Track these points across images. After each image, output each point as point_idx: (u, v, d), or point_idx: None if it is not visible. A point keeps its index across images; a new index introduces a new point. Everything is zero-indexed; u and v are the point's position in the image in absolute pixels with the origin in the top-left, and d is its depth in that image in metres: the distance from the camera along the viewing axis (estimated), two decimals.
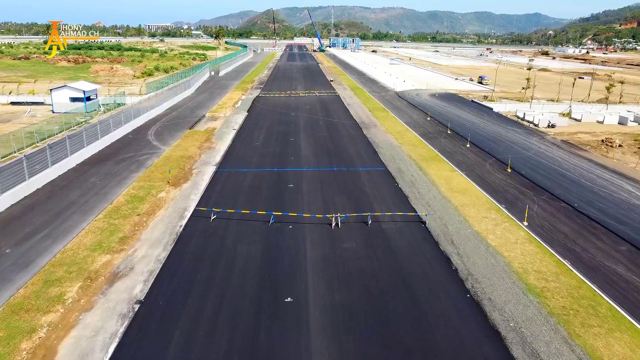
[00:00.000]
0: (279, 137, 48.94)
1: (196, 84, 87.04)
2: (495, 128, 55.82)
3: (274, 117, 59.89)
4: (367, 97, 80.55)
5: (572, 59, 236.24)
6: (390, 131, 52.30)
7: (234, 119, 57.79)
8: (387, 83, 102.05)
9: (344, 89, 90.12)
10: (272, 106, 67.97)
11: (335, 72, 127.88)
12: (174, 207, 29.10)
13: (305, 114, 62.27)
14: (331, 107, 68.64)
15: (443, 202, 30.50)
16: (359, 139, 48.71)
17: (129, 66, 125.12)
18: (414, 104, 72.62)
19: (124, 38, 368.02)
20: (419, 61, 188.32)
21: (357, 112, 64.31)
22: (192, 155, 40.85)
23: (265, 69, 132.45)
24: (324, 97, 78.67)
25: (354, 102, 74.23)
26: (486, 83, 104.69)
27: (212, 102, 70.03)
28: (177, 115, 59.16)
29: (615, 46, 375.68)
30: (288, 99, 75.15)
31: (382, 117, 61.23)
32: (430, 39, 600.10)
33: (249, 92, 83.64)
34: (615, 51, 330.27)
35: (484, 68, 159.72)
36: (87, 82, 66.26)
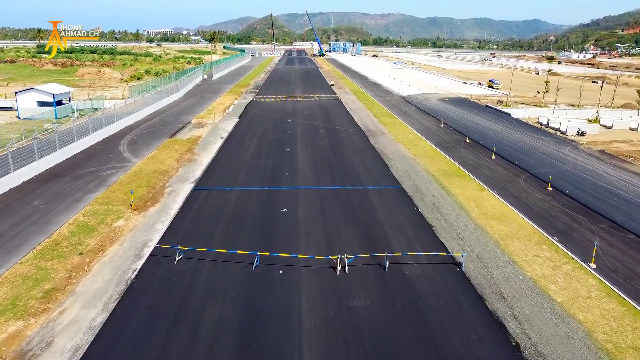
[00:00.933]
0: (273, 146, 42.28)
1: (186, 87, 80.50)
2: (519, 136, 49.17)
3: (268, 123, 53.27)
4: (372, 101, 73.98)
5: (578, 64, 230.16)
6: (401, 140, 45.63)
7: (222, 126, 51.14)
8: (391, 87, 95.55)
9: (346, 93, 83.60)
10: (267, 111, 61.38)
11: (336, 76, 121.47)
12: (131, 242, 22.39)
13: (304, 120, 55.66)
14: (332, 112, 62.05)
15: (478, 234, 23.78)
16: (365, 149, 42.03)
17: (119, 70, 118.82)
18: (423, 109, 66.02)
19: (122, 43, 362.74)
20: (423, 65, 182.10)
21: (362, 118, 57.70)
22: (167, 169, 34.15)
23: (262, 73, 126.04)
24: (324, 101, 72.11)
25: (357, 107, 67.65)
26: (497, 87, 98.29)
27: (200, 107, 63.39)
28: (158, 122, 52.49)
29: (620, 51, 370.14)
30: (285, 104, 68.56)
31: (389, 123, 54.60)
32: (430, 44, 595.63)
33: (242, 96, 77.06)
34: (620, 56, 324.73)
35: (490, 72, 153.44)
36: (60, 84, 59.54)
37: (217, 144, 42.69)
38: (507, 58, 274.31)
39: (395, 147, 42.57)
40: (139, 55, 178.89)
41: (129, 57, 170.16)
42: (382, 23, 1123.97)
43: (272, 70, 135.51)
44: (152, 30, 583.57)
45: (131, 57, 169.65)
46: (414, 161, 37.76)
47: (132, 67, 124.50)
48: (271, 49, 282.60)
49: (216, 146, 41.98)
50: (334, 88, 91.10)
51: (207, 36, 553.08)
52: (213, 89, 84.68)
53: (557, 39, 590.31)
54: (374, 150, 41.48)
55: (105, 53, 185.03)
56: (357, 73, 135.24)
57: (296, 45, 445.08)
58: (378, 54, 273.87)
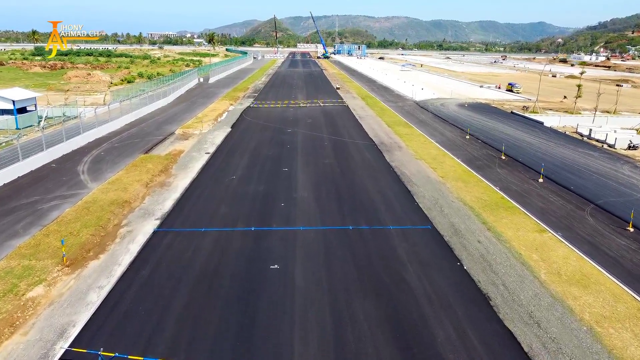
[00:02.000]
0: (267, 165, 34.69)
1: (177, 92, 73.13)
2: (561, 150, 41.38)
3: (264, 134, 45.70)
4: (382, 107, 66.30)
5: (592, 66, 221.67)
6: (423, 156, 37.94)
7: (210, 138, 43.62)
8: (402, 91, 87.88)
9: (354, 98, 75.98)
10: (264, 120, 53.87)
11: (342, 79, 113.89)
12: (41, 329, 14.87)
13: (306, 130, 48.09)
14: (339, 120, 54.44)
15: (559, 314, 16.07)
16: (380, 168, 34.38)
17: (113, 72, 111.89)
18: (442, 117, 58.30)
19: (124, 45, 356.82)
20: (432, 68, 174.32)
21: (373, 128, 50.05)
22: (130, 198, 26.62)
23: (263, 76, 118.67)
24: (329, 107, 64.52)
25: (366, 114, 60.00)
26: (517, 91, 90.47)
27: (189, 115, 55.93)
28: (136, 133, 45.00)
29: (632, 53, 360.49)
30: (285, 111, 61.01)
31: (406, 134, 46.90)
32: (436, 46, 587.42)
33: (239, 101, 69.58)
34: (634, 58, 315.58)
35: (503, 75, 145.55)
36: (25, 89, 52.09)
37: (201, 162, 35.16)
38: (517, 60, 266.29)
39: (417, 166, 34.89)
40: (137, 58, 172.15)
41: (125, 59, 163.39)
42: (387, 26, 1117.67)
43: (274, 73, 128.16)
44: (156, 33, 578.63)
45: (128, 59, 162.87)
46: (444, 186, 30.07)
47: (126, 70, 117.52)
48: (274, 52, 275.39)
49: (198, 165, 34.44)
50: (340, 92, 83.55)
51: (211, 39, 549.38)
52: (207, 94, 77.26)
53: (565, 42, 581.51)
54: (392, 170, 33.83)
55: (102, 55, 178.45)
56: (364, 76, 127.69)
57: (300, 48, 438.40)
58: (384, 57, 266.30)
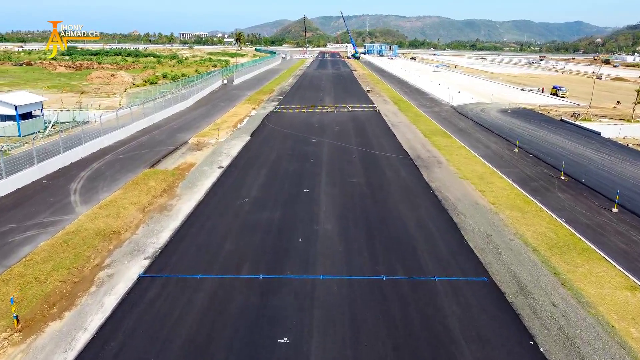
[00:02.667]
0: (286, 185, 30.06)
1: (198, 94, 69.42)
2: (631, 169, 35.35)
3: (286, 145, 41.14)
4: (416, 113, 60.89)
5: (637, 68, 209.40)
6: (467, 174, 32.65)
7: (226, 149, 39.32)
8: (437, 94, 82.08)
9: (385, 102, 70.75)
10: (287, 127, 49.36)
11: (372, 81, 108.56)
12: None
13: (333, 140, 43.29)
14: (369, 128, 49.44)
15: None
16: (418, 191, 29.28)
17: (137, 73, 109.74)
18: (484, 125, 52.58)
19: (154, 45, 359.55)
20: (466, 69, 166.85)
21: (407, 138, 44.87)
22: (120, 227, 22.42)
23: (290, 77, 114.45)
24: (359, 113, 59.53)
25: (399, 120, 54.79)
26: (562, 95, 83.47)
27: (207, 120, 51.91)
28: (146, 142, 41.09)
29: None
30: (311, 117, 56.37)
31: (445, 146, 41.55)
32: (469, 46, 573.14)
33: (262, 105, 65.35)
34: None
35: (544, 77, 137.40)
36: (30, 92, 48.76)
37: (211, 179, 30.83)
38: (556, 61, 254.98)
39: (461, 188, 29.65)
40: (164, 58, 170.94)
41: (152, 59, 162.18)
42: (418, 26, 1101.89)
43: (302, 74, 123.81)
44: (187, 33, 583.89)
45: (155, 59, 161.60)
46: (497, 217, 24.81)
47: (151, 71, 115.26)
48: (303, 52, 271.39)
49: (208, 182, 30.11)
50: (371, 95, 78.42)
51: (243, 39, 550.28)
52: (230, 96, 73.35)
53: (605, 42, 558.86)
54: (432, 193, 28.71)
55: (130, 55, 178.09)
56: (395, 77, 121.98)
57: (329, 48, 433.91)
58: (416, 57, 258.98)
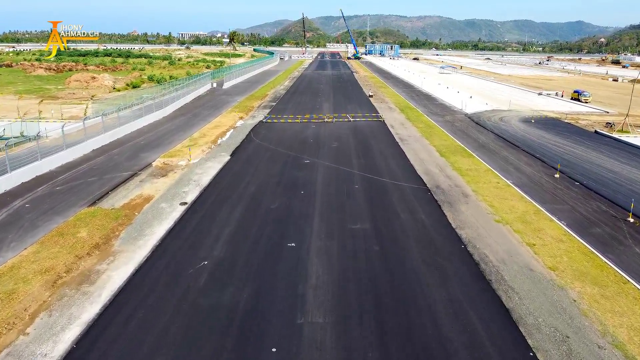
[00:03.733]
0: (265, 236, 22.20)
1: (179, 100, 61.65)
2: None
3: (272, 168, 33.34)
4: (428, 124, 53.06)
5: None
6: (505, 216, 24.81)
7: (198, 174, 31.54)
8: (448, 100, 74.21)
9: (390, 110, 62.92)
10: (277, 143, 41.59)
11: (375, 84, 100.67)
12: None
13: (330, 161, 35.52)
14: (374, 144, 41.61)
15: None
16: (444, 246, 21.37)
17: (124, 75, 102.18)
18: (507, 139, 44.77)
19: (151, 45, 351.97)
20: (473, 70, 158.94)
21: (421, 158, 37.06)
22: (1, 323, 14.65)
23: (286, 79, 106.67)
24: (361, 124, 51.75)
25: (409, 134, 46.97)
26: (585, 100, 75.60)
27: (182, 134, 44.14)
28: (99, 165, 33.28)
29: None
30: (306, 128, 48.61)
31: (468, 170, 33.70)
32: (471, 46, 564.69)
33: (251, 113, 57.58)
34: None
35: (557, 79, 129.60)
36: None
37: (167, 223, 23.08)
38: (563, 62, 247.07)
39: (502, 240, 21.83)
40: (157, 59, 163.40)
41: (143, 60, 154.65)
42: (419, 26, 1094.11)
43: (299, 77, 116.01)
44: (186, 33, 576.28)
45: (146, 60, 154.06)
46: (565, 296, 16.99)
47: (138, 73, 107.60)
48: (302, 52, 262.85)
49: (161, 229, 22.36)
50: (374, 101, 70.61)
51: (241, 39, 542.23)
52: (216, 103, 65.56)
53: (609, 41, 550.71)
54: (463, 249, 20.89)
55: (120, 56, 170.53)
56: (399, 80, 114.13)
57: (330, 48, 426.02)
58: (419, 57, 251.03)
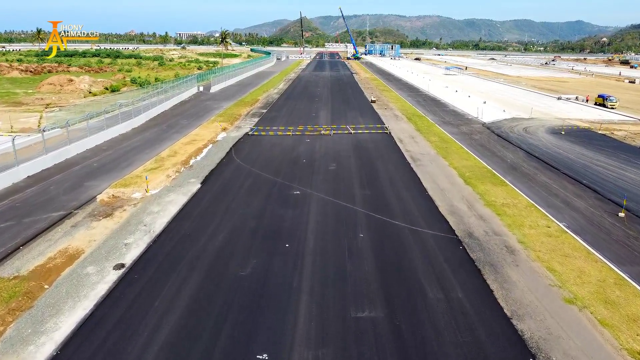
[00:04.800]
0: (224, 334, 14.57)
1: (156, 108, 54.03)
2: None
3: (251, 204, 25.68)
4: (442, 137, 45.37)
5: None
6: (577, 291, 17.19)
7: (152, 214, 23.87)
8: (459, 106, 66.58)
9: (396, 119, 55.31)
10: (261, 163, 33.96)
11: (377, 87, 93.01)
12: None
13: (326, 192, 27.87)
14: (381, 167, 33.93)
15: None
16: (500, 353, 13.87)
17: (107, 77, 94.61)
18: (540, 157, 37.11)
19: (146, 45, 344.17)
20: (479, 71, 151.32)
21: (440, 187, 29.40)
22: None
23: (281, 82, 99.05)
24: (364, 137, 44.10)
25: (422, 150, 39.30)
26: (612, 105, 68.03)
27: (148, 153, 36.50)
28: (27, 200, 25.57)
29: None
30: (298, 144, 40.99)
31: (505, 205, 26.00)
32: (472, 46, 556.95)
33: (237, 123, 49.96)
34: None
35: (570, 80, 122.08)
36: None
37: (81, 310, 15.49)
38: (570, 62, 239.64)
39: (587, 345, 14.26)
40: (147, 59, 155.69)
41: (132, 61, 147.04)
42: (419, 25, 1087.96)
43: (296, 79, 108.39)
44: (184, 33, 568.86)
45: (135, 61, 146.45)
46: None
47: (121, 75, 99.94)
48: (299, 52, 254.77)
49: (69, 323, 14.76)
50: (377, 107, 63.02)
51: (239, 39, 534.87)
52: (199, 110, 57.93)
53: (611, 41, 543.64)
54: (530, 353, 13.35)
55: (109, 56, 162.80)
56: (403, 82, 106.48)
57: (329, 48, 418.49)
58: (421, 57, 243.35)
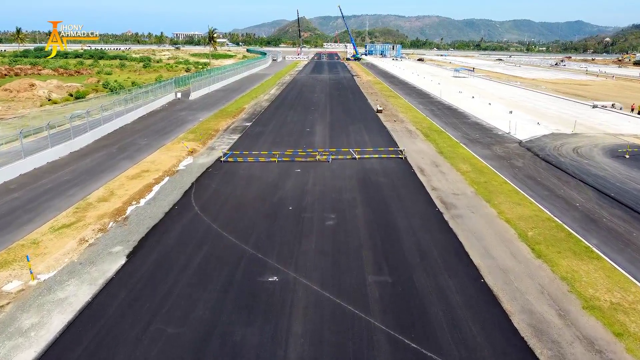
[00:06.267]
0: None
1: (112, 122, 43.44)
2: None
3: (195, 305, 15.17)
4: (473, 163, 34.76)
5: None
6: None
7: (14, 337, 13.42)
8: (482, 116, 55.91)
9: (410, 135, 44.75)
10: (227, 216, 23.45)
11: (382, 92, 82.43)
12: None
13: (319, 280, 17.34)
14: (402, 224, 23.04)
15: None
16: None
17: (81, 80, 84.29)
18: (623, 201, 26.63)
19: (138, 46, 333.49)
20: (489, 73, 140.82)
21: (500, 264, 18.88)
22: None
23: (274, 86, 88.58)
24: (373, 166, 33.50)
25: (454, 189, 28.73)
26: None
27: (75, 194, 25.93)
28: None
29: None
30: (285, 175, 30.45)
31: (614, 307, 15.63)
32: (473, 46, 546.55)
33: (211, 142, 39.42)
34: None
35: (592, 84, 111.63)
36: None
37: None
38: (581, 63, 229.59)
39: None
40: (132, 60, 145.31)
41: (115, 62, 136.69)
42: (418, 25, 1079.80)
43: (291, 82, 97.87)
44: (181, 33, 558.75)
45: (118, 62, 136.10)
46: None
47: (95, 79, 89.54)
48: (297, 52, 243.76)
49: None
50: (385, 119, 52.53)
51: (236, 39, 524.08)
52: (167, 124, 47.36)
53: (614, 41, 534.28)
54: None
55: (92, 57, 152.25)
56: (409, 86, 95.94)
57: (327, 48, 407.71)
58: (424, 58, 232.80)
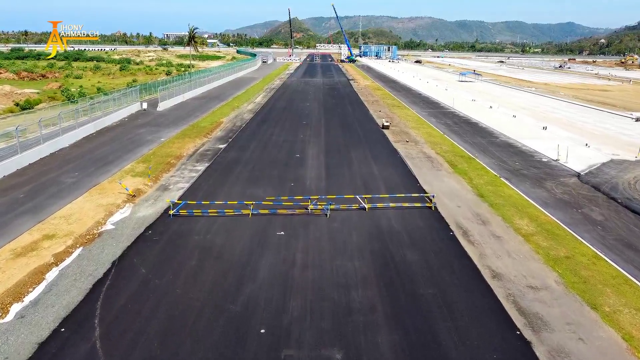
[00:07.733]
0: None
1: (38, 147, 32.68)
2: None
3: None
4: (540, 221, 24.19)
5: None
6: None
7: None
8: (515, 135, 45.17)
9: (432, 164, 34.35)
10: (147, 357, 13.08)
11: (384, 100, 71.90)
12: None
13: None
14: None
15: None
16: None
17: (41, 85, 73.77)
18: None
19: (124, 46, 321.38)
20: (497, 76, 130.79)
21: None
22: None
23: (261, 92, 77.99)
24: (390, 226, 23.11)
25: (525, 273, 18.47)
26: None
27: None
28: None
29: None
30: (256, 247, 20.06)
31: None
32: (467, 48, 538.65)
33: (166, 176, 28.86)
34: None
35: (611, 88, 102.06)
36: None
37: None
38: (586, 65, 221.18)
39: None
40: (110, 62, 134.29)
41: (90, 64, 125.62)
42: (411, 26, 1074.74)
43: (280, 88, 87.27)
44: (172, 34, 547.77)
45: (93, 64, 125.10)
46: None
47: (56, 84, 78.70)
48: (288, 53, 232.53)
49: None
50: (395, 139, 42.13)
51: (227, 39, 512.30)
52: (118, 147, 36.62)
53: (609, 42, 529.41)
54: None
55: (67, 58, 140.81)
56: (414, 92, 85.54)
57: (320, 49, 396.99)
58: (422, 60, 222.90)
